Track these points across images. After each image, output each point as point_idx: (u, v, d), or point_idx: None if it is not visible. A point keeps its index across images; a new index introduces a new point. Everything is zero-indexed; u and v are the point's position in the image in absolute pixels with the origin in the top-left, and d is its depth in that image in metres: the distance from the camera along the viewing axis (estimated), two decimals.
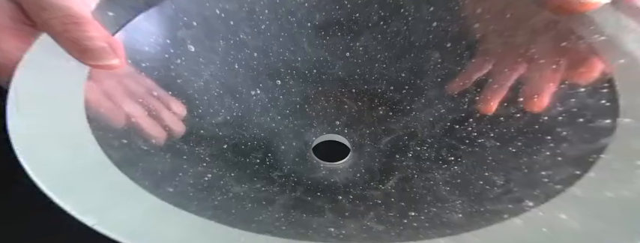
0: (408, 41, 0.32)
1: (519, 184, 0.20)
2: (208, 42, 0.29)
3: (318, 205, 0.25)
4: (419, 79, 0.31)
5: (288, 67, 0.32)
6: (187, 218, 0.16)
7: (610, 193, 0.15)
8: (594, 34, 0.24)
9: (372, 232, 0.22)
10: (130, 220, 0.16)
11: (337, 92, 0.32)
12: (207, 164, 0.25)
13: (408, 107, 0.30)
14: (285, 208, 0.24)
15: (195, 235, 0.16)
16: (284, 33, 0.32)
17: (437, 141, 0.28)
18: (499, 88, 0.27)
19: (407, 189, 0.26)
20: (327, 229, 0.22)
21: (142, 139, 0.23)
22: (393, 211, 0.24)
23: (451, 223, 0.20)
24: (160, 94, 0.26)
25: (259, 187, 0.25)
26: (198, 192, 0.22)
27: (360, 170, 0.28)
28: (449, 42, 0.31)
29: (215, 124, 0.28)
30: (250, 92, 0.30)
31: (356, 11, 0.32)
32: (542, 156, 0.21)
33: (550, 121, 0.23)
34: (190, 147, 0.25)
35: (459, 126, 0.28)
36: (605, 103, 0.20)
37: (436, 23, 0.31)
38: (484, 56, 0.29)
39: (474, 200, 0.22)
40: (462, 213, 0.21)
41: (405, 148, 0.28)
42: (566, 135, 0.21)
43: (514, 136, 0.24)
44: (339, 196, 0.26)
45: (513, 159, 0.23)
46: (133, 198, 0.17)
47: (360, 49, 0.33)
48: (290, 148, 0.29)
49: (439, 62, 0.31)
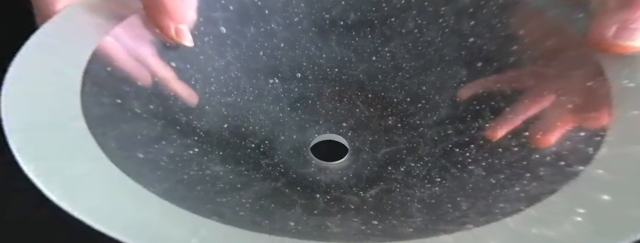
0: (439, 54, 0.31)
1: (476, 212, 0.20)
2: (239, 27, 0.31)
3: (293, 198, 0.26)
4: (438, 96, 0.30)
5: (311, 62, 0.33)
6: (123, 183, 0.18)
7: (536, 230, 0.15)
8: (624, 79, 0.22)
9: (326, 232, 0.22)
10: (69, 175, 0.17)
11: (353, 94, 0.32)
12: (199, 139, 0.27)
13: (418, 122, 0.30)
14: (257, 196, 0.25)
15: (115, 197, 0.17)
16: (315, 28, 0.32)
17: (433, 160, 0.27)
18: (514, 118, 0.26)
19: (383, 200, 0.25)
20: (287, 222, 0.22)
21: (142, 101, 0.25)
22: (358, 217, 0.24)
23: (398, 234, 0.21)
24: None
25: (242, 170, 0.27)
26: (171, 163, 0.23)
27: (349, 174, 0.28)
28: (480, 61, 0.30)
29: (223, 103, 0.30)
30: (268, 80, 0.32)
31: (392, 15, 0.32)
32: (512, 191, 0.20)
33: (539, 159, 0.21)
34: (189, 119, 0.27)
35: (459, 150, 0.27)
36: (590, 151, 0.18)
37: (473, 39, 0.30)
38: (511, 83, 0.28)
39: (433, 220, 0.22)
40: (415, 228, 0.21)
41: (400, 161, 0.28)
42: (542, 175, 0.20)
43: (501, 168, 0.23)
44: (317, 194, 0.26)
45: (489, 189, 0.22)
46: (84, 154, 0.18)
47: (388, 54, 0.32)
48: (289, 140, 0.30)
49: (464, 81, 0.30)
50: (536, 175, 0.20)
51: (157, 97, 0.27)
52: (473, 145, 0.26)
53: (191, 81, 0.29)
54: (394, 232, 0.22)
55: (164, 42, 0.28)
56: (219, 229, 0.17)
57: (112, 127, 0.22)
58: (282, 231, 0.21)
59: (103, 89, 0.23)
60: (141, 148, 0.22)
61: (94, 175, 0.18)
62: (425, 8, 0.32)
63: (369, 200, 0.26)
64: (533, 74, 0.26)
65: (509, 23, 0.29)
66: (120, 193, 0.18)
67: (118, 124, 0.22)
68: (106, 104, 0.23)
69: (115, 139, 0.21)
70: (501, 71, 0.28)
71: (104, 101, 0.22)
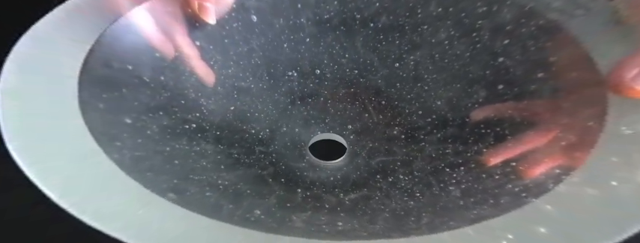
0: (464, 70, 0.30)
1: (429, 226, 0.21)
2: (270, 17, 0.32)
3: (273, 189, 0.27)
4: (450, 113, 0.30)
5: (333, 60, 0.33)
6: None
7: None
8: (622, 126, 0.20)
9: (285, 226, 0.23)
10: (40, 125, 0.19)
11: (366, 98, 0.32)
12: (201, 115, 0.28)
13: (422, 136, 0.29)
14: (237, 179, 0.26)
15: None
16: (343, 27, 0.33)
17: (421, 176, 0.27)
18: (513, 147, 0.25)
19: (359, 205, 0.26)
20: (253, 210, 0.23)
21: (155, 72, 0.27)
22: (327, 217, 0.24)
23: (348, 235, 0.21)
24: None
25: (233, 153, 0.28)
26: (159, 134, 0.25)
27: (337, 175, 0.28)
28: (503, 84, 0.29)
29: (236, 86, 0.31)
30: (286, 72, 0.33)
31: (426, 23, 0.32)
32: (470, 214, 0.20)
33: (509, 190, 0.21)
34: (197, 96, 0.29)
35: (449, 170, 0.26)
36: (550, 188, 0.17)
37: (502, 59, 0.29)
38: (523, 111, 0.26)
39: (390, 228, 0.22)
40: (368, 232, 0.22)
41: (390, 172, 0.28)
42: (503, 203, 0.20)
43: (476, 192, 0.22)
44: (299, 189, 0.27)
45: (453, 209, 0.22)
46: (65, 112, 0.20)
47: (412, 63, 0.32)
48: (290, 133, 0.31)
49: (480, 102, 0.29)
50: (498, 203, 0.20)
51: (172, 70, 0.29)
52: (464, 167, 0.25)
53: (211, 61, 0.31)
54: (347, 234, 0.22)
55: (194, 20, 0.30)
56: (163, 205, 0.18)
57: (111, 89, 0.24)
58: (239, 218, 0.22)
59: (116, 54, 0.25)
60: (132, 114, 0.24)
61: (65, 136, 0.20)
62: (461, 19, 0.31)
63: (346, 203, 0.26)
64: (547, 106, 0.25)
65: (543, 47, 0.28)
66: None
67: (119, 88, 0.25)
68: (114, 68, 0.25)
69: (108, 100, 0.23)
70: (519, 98, 0.27)
71: (113, 65, 0.25)
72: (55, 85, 0.22)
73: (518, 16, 0.29)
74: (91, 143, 0.20)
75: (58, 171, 0.18)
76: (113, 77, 0.25)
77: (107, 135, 0.21)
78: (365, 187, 0.27)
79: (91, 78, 0.23)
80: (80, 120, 0.20)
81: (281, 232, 0.19)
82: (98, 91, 0.23)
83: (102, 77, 0.24)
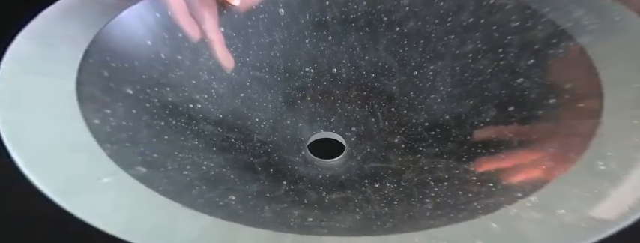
0: (481, 86, 0.30)
1: (387, 229, 0.21)
2: (297, 12, 0.33)
3: (258, 177, 0.28)
4: (455, 129, 0.29)
5: (352, 60, 0.33)
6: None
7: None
8: (599, 161, 0.19)
9: (254, 213, 0.24)
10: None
11: (377, 103, 0.32)
12: (209, 97, 0.30)
13: (420, 149, 0.29)
14: (225, 163, 0.27)
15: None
16: (368, 29, 0.33)
17: (406, 187, 0.26)
18: (504, 161, 0.24)
19: (336, 205, 0.26)
20: (227, 195, 0.24)
21: (174, 50, 0.29)
22: (300, 211, 0.25)
23: (313, 231, 0.22)
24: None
25: (229, 137, 0.29)
26: (159, 109, 0.27)
27: (326, 175, 0.29)
28: (514, 106, 0.28)
29: (251, 75, 0.32)
30: (303, 67, 0.33)
31: (453, 33, 0.31)
32: (426, 223, 0.21)
33: (472, 207, 0.20)
34: (210, 78, 0.31)
35: (433, 184, 0.25)
36: (502, 207, 0.17)
37: (522, 80, 0.28)
38: (523, 135, 0.25)
39: (354, 228, 0.22)
40: (330, 230, 0.22)
41: (379, 178, 0.28)
42: (459, 217, 0.20)
43: (445, 206, 0.22)
44: (284, 181, 0.28)
45: (417, 218, 0.22)
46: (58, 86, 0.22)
47: (430, 73, 0.32)
48: (293, 127, 0.32)
49: (486, 122, 0.28)
50: (456, 216, 0.20)
51: (192, 51, 0.31)
52: (447, 183, 0.25)
53: (231, 48, 0.32)
54: (309, 230, 0.22)
55: (222, 7, 0.31)
56: (124, 179, 0.20)
57: (122, 60, 0.26)
58: (204, 201, 0.23)
59: (138, 29, 0.27)
60: (136, 85, 0.26)
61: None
62: (491, 33, 0.30)
63: (325, 201, 0.26)
64: (544, 132, 0.24)
65: (563, 72, 0.26)
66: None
67: (132, 60, 0.27)
68: (132, 41, 0.27)
69: (115, 69, 0.25)
70: (524, 122, 0.26)
71: (132, 39, 0.27)
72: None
73: (550, 36, 0.28)
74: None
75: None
76: (128, 49, 0.27)
77: (98, 101, 0.23)
78: (349, 189, 0.27)
79: (103, 46, 0.25)
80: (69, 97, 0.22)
81: (238, 220, 0.20)
82: (108, 58, 0.25)
83: (116, 47, 0.26)
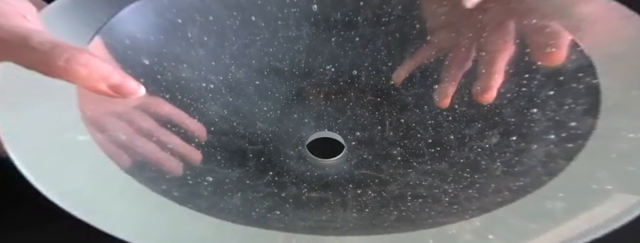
0: (495, 111, 0.30)
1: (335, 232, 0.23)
2: (330, 10, 0.34)
3: (245, 163, 0.29)
4: (455, 149, 0.29)
5: (374, 64, 0.34)
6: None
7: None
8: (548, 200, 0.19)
9: (220, 198, 0.25)
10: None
11: (388, 112, 0.33)
12: (224, 79, 0.32)
13: (414, 164, 0.29)
14: (217, 143, 0.29)
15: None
16: (398, 34, 0.33)
17: (385, 198, 0.27)
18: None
19: (311, 204, 0.27)
20: (205, 176, 0.26)
21: (202, 31, 0.31)
22: (270, 203, 0.26)
23: (270, 224, 0.23)
24: (174, 117, 0.29)
25: (232, 120, 0.31)
26: (172, 82, 0.29)
27: (314, 173, 0.30)
28: (517, 136, 0.28)
29: (271, 65, 0.34)
30: (325, 65, 0.34)
31: (485, 51, 0.30)
32: (373, 230, 0.22)
33: (432, 221, 0.21)
34: (230, 63, 0.33)
35: (410, 199, 0.26)
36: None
37: (536, 110, 0.28)
38: (516, 166, 0.25)
39: (310, 226, 0.24)
40: (286, 224, 0.24)
41: (364, 186, 0.28)
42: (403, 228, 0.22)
43: (404, 219, 0.23)
44: (270, 172, 0.29)
45: (376, 227, 0.23)
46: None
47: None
48: (298, 122, 0.33)
49: (486, 147, 0.28)
50: (402, 228, 0.21)
51: (218, 35, 0.33)
52: (422, 200, 0.25)
53: (257, 37, 0.34)
54: (265, 222, 0.24)
55: None
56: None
57: (148, 32, 0.29)
58: (176, 179, 0.25)
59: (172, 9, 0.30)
60: (154, 57, 0.29)
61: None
62: (523, 55, 0.29)
63: (302, 198, 0.28)
64: (529, 165, 0.23)
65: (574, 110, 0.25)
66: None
67: (158, 34, 0.29)
68: (164, 17, 0.29)
69: (137, 40, 0.28)
70: (517, 154, 0.26)
71: (165, 14, 0.29)
72: None
73: (579, 69, 0.26)
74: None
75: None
76: (157, 24, 0.29)
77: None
78: (331, 190, 0.28)
79: (132, 18, 0.27)
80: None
81: (191, 203, 0.21)
82: (134, 29, 0.28)
83: (144, 21, 0.28)
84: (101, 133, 0.22)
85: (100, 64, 0.21)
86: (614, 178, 0.19)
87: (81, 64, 0.20)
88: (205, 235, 0.19)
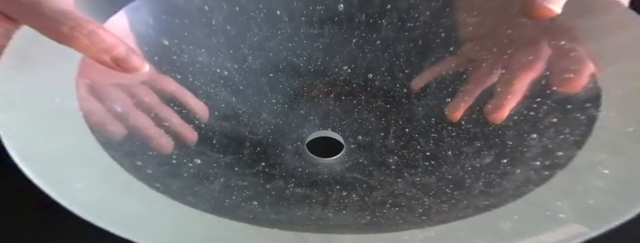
0: (498, 132, 0.29)
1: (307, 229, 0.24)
2: (356, 10, 0.35)
3: (240, 150, 0.31)
4: (448, 165, 0.29)
5: (391, 71, 0.34)
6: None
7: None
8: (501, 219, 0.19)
9: (200, 183, 0.27)
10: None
11: (394, 120, 0.33)
12: (239, 67, 0.33)
13: (406, 175, 0.29)
14: (219, 128, 0.31)
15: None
16: (421, 41, 0.34)
17: (366, 203, 0.27)
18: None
19: (291, 199, 0.28)
20: (192, 158, 0.28)
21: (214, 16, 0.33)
22: (251, 193, 0.27)
23: (237, 212, 0.24)
24: (179, 95, 0.30)
25: (239, 107, 0.32)
26: (187, 64, 0.31)
27: (306, 170, 0.30)
28: (508, 159, 0.27)
29: (288, 60, 0.35)
30: (341, 65, 0.35)
31: (506, 67, 0.30)
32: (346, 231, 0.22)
33: (393, 227, 0.22)
34: (247, 52, 0.34)
35: (389, 207, 0.26)
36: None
37: (535, 136, 0.27)
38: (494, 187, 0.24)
39: (283, 220, 0.25)
40: (255, 215, 0.25)
41: (351, 189, 0.29)
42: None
43: (374, 224, 0.24)
44: (263, 162, 0.30)
45: (342, 227, 0.24)
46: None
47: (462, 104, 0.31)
48: (303, 118, 0.34)
49: (477, 167, 0.27)
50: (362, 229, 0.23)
51: (243, 25, 0.34)
52: (398, 208, 0.25)
53: (278, 30, 0.35)
54: (233, 211, 0.24)
55: None
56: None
57: (173, 14, 0.30)
58: (162, 158, 0.26)
59: None
60: (174, 39, 0.30)
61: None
62: (541, 78, 0.28)
63: (285, 192, 0.28)
64: (504, 187, 0.23)
65: (567, 141, 0.24)
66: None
67: (183, 17, 0.31)
68: (193, 4, 0.31)
69: (161, 21, 0.29)
70: (502, 176, 0.25)
71: (195, 2, 0.31)
72: None
73: (588, 99, 0.25)
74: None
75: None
76: (186, 8, 0.31)
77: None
78: (317, 189, 0.29)
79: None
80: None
81: (163, 184, 0.22)
82: (160, 9, 0.30)
83: (176, 4, 0.30)
84: (97, 102, 0.24)
85: (106, 36, 0.23)
86: (572, 209, 0.18)
87: (84, 34, 0.22)
88: (144, 211, 0.19)
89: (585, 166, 0.21)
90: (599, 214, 0.18)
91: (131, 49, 0.24)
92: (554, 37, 0.29)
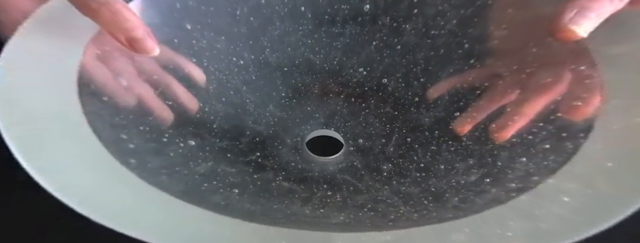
0: (494, 153, 0.28)
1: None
2: (381, 13, 0.35)
3: (239, 138, 0.32)
4: (436, 179, 0.29)
5: (406, 78, 0.34)
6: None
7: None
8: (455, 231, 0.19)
9: (187, 164, 0.28)
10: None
11: (399, 128, 0.33)
12: (255, 59, 0.34)
13: (394, 182, 0.29)
14: (224, 113, 0.32)
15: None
16: (443, 50, 0.34)
17: (347, 205, 0.28)
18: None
19: (274, 192, 0.29)
20: (186, 139, 0.29)
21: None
22: (237, 180, 0.29)
23: (212, 197, 0.25)
24: (178, 63, 0.31)
25: (248, 97, 0.34)
26: (205, 49, 0.32)
27: (298, 166, 0.31)
28: (491, 179, 0.26)
29: (305, 56, 0.36)
30: (357, 67, 0.35)
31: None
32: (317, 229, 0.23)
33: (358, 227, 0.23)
34: (266, 44, 0.35)
35: (366, 211, 0.26)
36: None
37: (525, 160, 0.26)
38: (468, 200, 0.23)
39: (259, 211, 0.25)
40: (232, 206, 0.25)
41: (337, 189, 0.29)
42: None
43: (345, 225, 0.24)
44: (258, 152, 0.31)
45: (315, 225, 0.25)
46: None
47: (469, 120, 0.30)
48: (308, 115, 0.34)
49: (462, 184, 0.27)
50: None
51: (266, 18, 0.35)
52: (373, 214, 0.26)
53: (300, 26, 0.36)
54: (206, 197, 0.25)
55: None
56: None
57: (202, 2, 0.32)
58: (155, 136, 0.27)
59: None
60: (197, 25, 0.32)
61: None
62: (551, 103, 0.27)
63: (271, 185, 0.29)
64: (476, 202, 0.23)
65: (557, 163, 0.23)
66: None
67: (209, 5, 0.32)
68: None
69: (185, 8, 0.31)
70: (478, 194, 0.25)
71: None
72: None
73: (582, 129, 0.24)
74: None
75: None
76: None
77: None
78: (304, 185, 0.29)
79: None
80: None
81: (143, 165, 0.23)
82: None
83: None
84: (103, 67, 0.26)
85: (129, 16, 0.25)
86: (522, 229, 0.18)
87: (111, 11, 0.24)
88: (103, 187, 0.20)
89: (551, 192, 0.20)
90: (544, 237, 0.18)
91: (148, 32, 0.26)
92: (576, 61, 0.28)
